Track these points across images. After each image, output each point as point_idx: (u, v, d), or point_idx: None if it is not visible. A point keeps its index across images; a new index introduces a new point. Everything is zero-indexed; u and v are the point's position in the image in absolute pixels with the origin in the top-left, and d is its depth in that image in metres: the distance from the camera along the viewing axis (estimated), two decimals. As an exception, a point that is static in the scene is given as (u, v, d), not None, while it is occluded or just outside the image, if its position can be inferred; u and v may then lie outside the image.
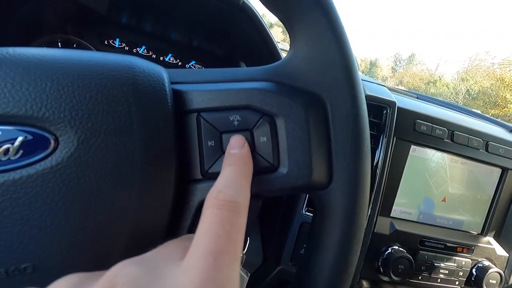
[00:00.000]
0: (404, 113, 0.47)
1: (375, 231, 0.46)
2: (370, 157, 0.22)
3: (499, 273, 0.50)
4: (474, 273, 0.50)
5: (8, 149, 0.16)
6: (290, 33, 0.22)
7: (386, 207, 0.48)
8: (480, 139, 0.50)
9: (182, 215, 0.20)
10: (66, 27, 0.59)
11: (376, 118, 0.46)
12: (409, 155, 0.48)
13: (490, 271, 0.49)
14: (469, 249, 0.50)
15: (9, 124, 0.16)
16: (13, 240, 0.16)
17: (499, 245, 0.53)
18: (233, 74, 0.22)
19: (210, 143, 0.20)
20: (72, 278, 0.14)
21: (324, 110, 0.21)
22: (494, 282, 0.49)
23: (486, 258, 0.51)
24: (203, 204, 0.16)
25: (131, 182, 0.18)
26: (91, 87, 0.17)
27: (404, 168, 0.48)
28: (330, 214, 0.21)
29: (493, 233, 0.54)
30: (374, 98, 0.46)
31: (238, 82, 0.22)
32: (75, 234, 0.17)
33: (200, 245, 0.14)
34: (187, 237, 0.17)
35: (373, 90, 0.48)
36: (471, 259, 0.51)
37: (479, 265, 0.51)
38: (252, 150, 0.20)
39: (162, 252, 0.16)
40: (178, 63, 0.68)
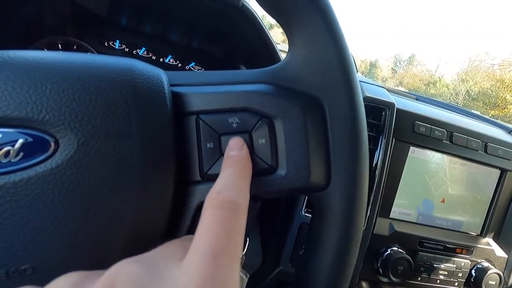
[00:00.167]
0: (403, 114, 0.47)
1: (374, 232, 0.46)
2: (368, 159, 0.22)
3: (498, 274, 0.50)
4: (473, 274, 0.50)
5: (8, 151, 0.16)
6: (288, 35, 0.22)
7: (385, 208, 0.48)
8: (479, 141, 0.50)
9: (181, 217, 0.20)
10: (66, 29, 0.59)
11: (375, 120, 0.46)
12: (408, 156, 0.48)
13: (489, 272, 0.49)
14: (468, 250, 0.50)
15: (9, 126, 0.16)
16: (13, 241, 0.16)
17: (498, 246, 0.53)
18: (231, 76, 0.22)
19: (209, 145, 0.20)
20: (72, 276, 0.14)
21: (322, 112, 0.21)
22: (493, 283, 0.49)
23: (485, 259, 0.52)
24: (203, 205, 0.16)
25: (130, 184, 0.18)
26: (91, 90, 0.17)
27: (403, 169, 0.48)
28: (328, 216, 0.21)
29: (492, 234, 0.54)
30: (373, 99, 0.46)
31: (237, 85, 0.22)
32: (75, 236, 0.17)
33: (200, 245, 0.14)
34: (187, 237, 0.17)
35: (372, 92, 0.48)
36: (470, 260, 0.51)
37: (478, 266, 0.51)
38: (250, 152, 0.20)
39: (162, 252, 0.16)
40: (178, 65, 0.69)
